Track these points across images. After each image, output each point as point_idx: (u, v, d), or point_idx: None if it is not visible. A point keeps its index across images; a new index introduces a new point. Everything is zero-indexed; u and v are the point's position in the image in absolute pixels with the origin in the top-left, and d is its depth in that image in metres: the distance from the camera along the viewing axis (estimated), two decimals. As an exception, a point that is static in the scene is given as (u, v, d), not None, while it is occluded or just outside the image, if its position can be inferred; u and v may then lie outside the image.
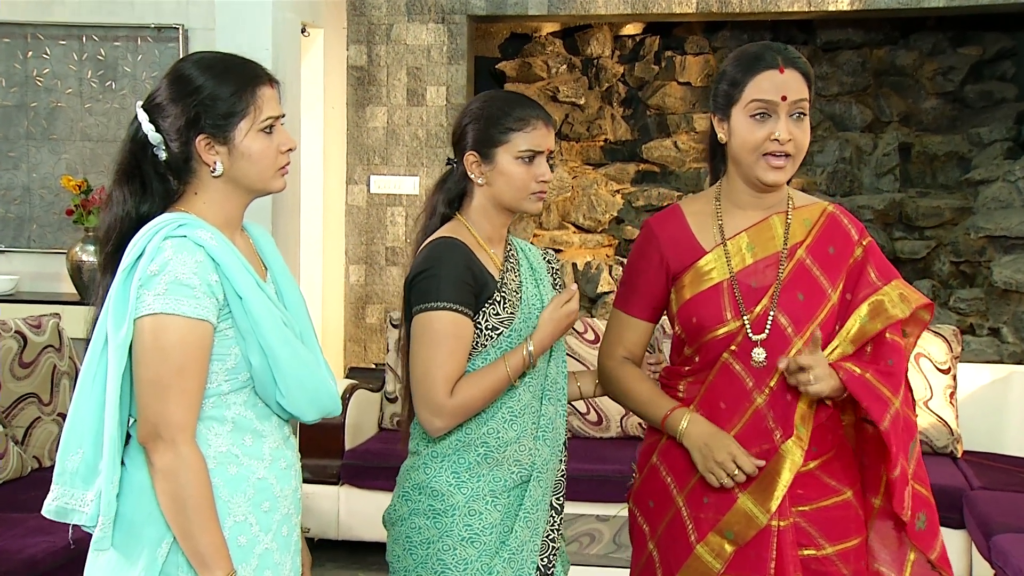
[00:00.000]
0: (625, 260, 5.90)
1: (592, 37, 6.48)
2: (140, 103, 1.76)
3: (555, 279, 2.23)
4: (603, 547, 3.54)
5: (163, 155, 1.74)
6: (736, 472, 1.94)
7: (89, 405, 1.69)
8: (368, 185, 5.48)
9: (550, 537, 2.09)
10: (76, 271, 4.91)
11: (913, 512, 1.98)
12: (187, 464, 1.64)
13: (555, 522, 2.10)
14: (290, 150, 1.79)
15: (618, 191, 6.38)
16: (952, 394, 4.28)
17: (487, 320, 2.00)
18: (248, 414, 1.75)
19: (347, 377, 4.92)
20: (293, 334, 1.77)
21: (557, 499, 2.11)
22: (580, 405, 4.45)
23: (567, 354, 4.39)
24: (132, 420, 1.72)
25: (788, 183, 2.09)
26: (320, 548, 4.30)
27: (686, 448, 2.01)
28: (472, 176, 2.05)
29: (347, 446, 4.35)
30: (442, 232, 2.04)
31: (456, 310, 1.95)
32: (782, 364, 1.94)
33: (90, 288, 4.82)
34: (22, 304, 4.84)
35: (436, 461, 2.01)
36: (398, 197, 5.47)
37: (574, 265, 5.97)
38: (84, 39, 5.21)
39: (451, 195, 2.09)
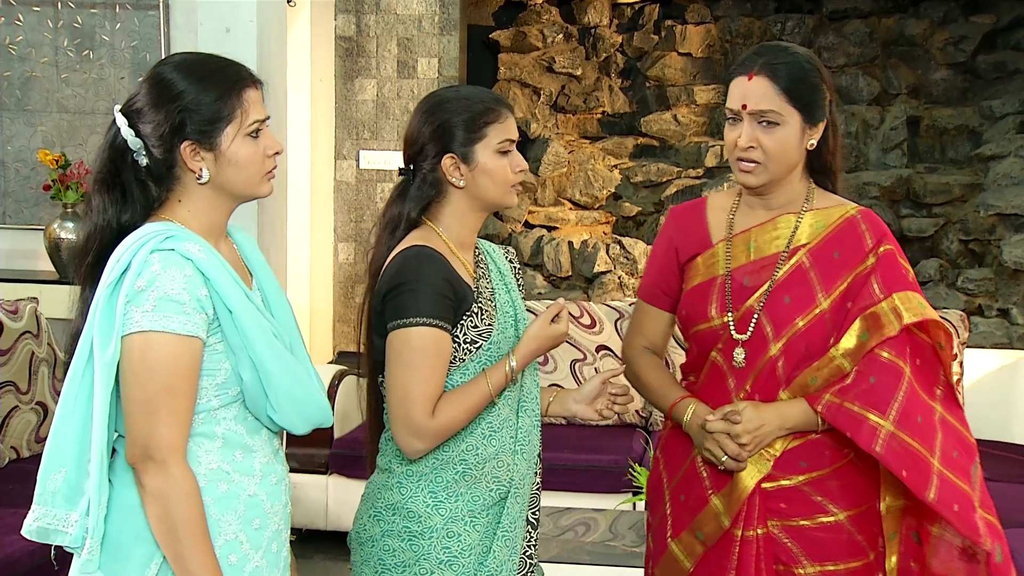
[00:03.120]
0: (622, 238, 5.84)
1: (589, 5, 6.33)
2: (118, 107, 1.72)
3: (518, 278, 2.15)
4: (599, 535, 3.50)
5: (143, 161, 1.70)
6: (724, 458, 1.96)
7: (72, 423, 1.66)
8: (357, 160, 5.38)
9: (527, 554, 2.03)
10: (54, 248, 4.78)
11: (994, 544, 1.90)
12: (178, 486, 1.62)
13: (531, 538, 2.05)
14: (276, 153, 1.76)
15: (616, 166, 6.24)
16: (958, 381, 4.20)
17: (466, 334, 1.93)
18: (238, 429, 1.73)
19: (336, 361, 4.81)
20: (283, 346, 1.76)
21: (533, 513, 2.05)
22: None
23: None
24: (117, 435, 1.69)
25: (833, 187, 2.07)
26: (308, 539, 4.23)
27: (681, 442, 2.05)
28: (452, 180, 1.96)
29: (335, 435, 4.26)
30: (413, 240, 1.94)
31: (435, 325, 1.87)
32: (714, 427, 1.96)
33: (69, 266, 4.69)
34: (-2, 283, 4.70)
35: (412, 480, 1.94)
36: (388, 173, 5.37)
37: (570, 244, 5.83)
38: (59, 6, 5.02)
39: (421, 203, 1.99)
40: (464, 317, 1.92)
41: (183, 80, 1.68)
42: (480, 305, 1.95)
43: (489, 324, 1.95)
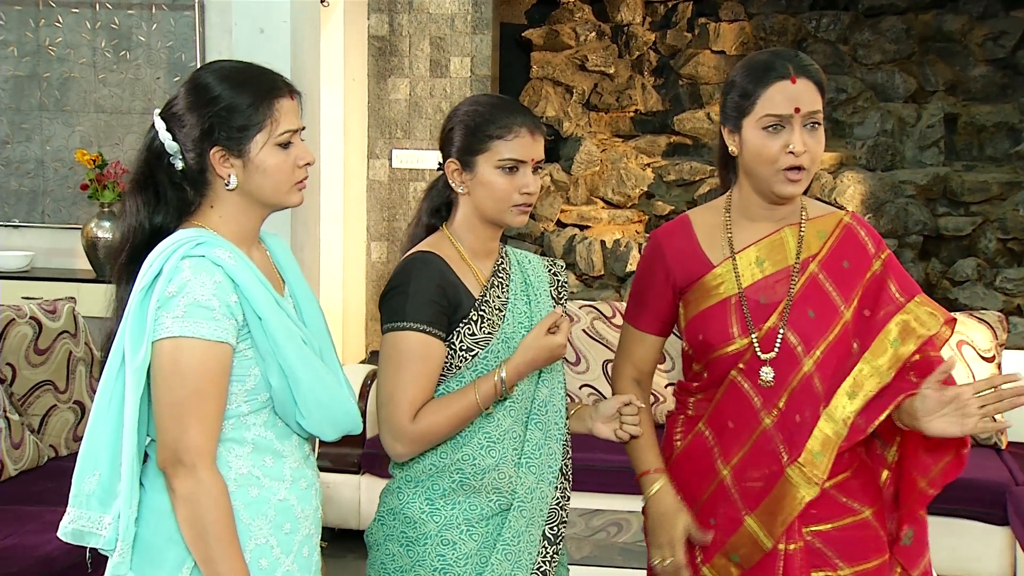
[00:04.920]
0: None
1: (622, 3, 6.32)
2: (158, 111, 1.75)
3: (560, 292, 2.10)
4: (631, 536, 3.49)
5: (179, 164, 1.72)
6: (667, 562, 1.98)
7: (105, 427, 1.68)
8: (390, 159, 5.41)
9: (541, 569, 1.98)
10: (91, 247, 4.84)
11: (901, 526, 1.98)
12: (207, 490, 1.63)
13: (547, 553, 1.99)
14: (308, 164, 1.77)
15: (648, 165, 6.21)
16: (996, 384, 4.10)
17: (461, 341, 1.91)
18: (268, 435, 1.74)
19: (369, 360, 4.83)
20: (313, 352, 1.76)
21: (551, 528, 2.00)
22: (605, 389, 4.33)
23: (592, 338, 4.35)
24: (150, 439, 1.70)
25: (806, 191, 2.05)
26: (340, 538, 4.25)
27: (701, 461, 2.01)
28: (453, 185, 1.96)
29: (368, 434, 4.25)
30: (422, 246, 1.96)
31: (424, 331, 1.87)
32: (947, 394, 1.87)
33: (106, 264, 4.75)
34: (37, 281, 4.77)
35: (409, 486, 1.93)
36: (421, 172, 5.38)
37: (602, 243, 5.82)
38: (97, 7, 5.09)
39: (435, 204, 2.00)
40: (460, 324, 1.90)
41: (219, 86, 1.70)
42: (482, 313, 1.92)
43: (489, 333, 1.92)
